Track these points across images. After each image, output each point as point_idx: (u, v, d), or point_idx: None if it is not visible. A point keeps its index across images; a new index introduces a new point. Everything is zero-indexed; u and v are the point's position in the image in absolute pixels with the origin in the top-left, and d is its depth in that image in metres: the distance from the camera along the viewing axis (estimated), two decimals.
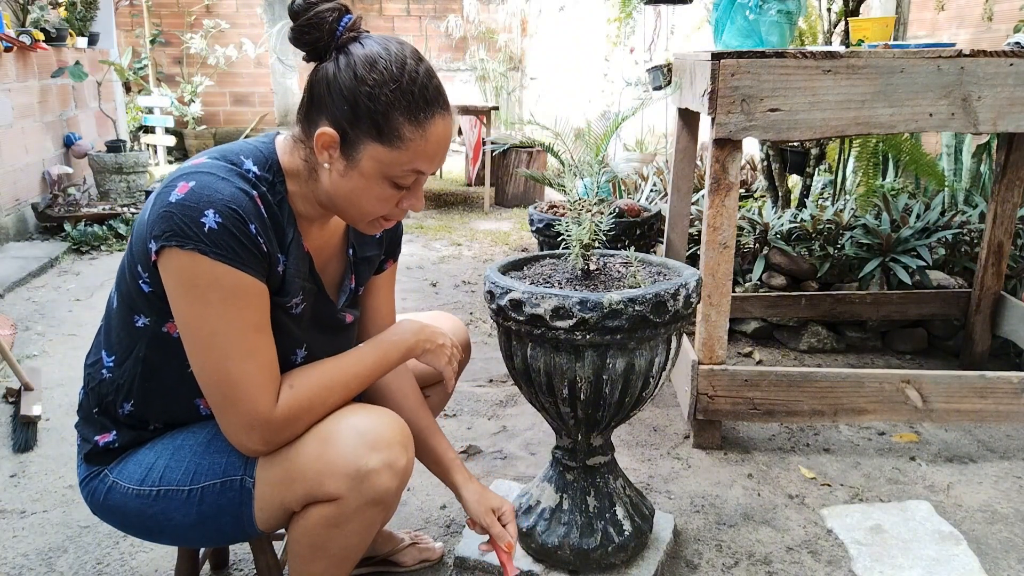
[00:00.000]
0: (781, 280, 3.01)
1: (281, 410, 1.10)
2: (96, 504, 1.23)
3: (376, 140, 1.07)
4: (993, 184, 2.54)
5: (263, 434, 1.10)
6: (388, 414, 1.17)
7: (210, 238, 1.02)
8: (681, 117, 2.67)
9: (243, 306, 1.06)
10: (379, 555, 1.65)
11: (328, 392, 1.15)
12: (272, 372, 1.10)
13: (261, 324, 1.09)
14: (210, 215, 1.02)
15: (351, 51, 1.07)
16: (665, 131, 5.89)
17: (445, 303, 3.51)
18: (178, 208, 1.03)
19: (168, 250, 1.03)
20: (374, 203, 1.13)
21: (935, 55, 1.92)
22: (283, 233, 1.13)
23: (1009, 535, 1.81)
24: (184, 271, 1.03)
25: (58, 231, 4.52)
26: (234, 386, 1.07)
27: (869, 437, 2.30)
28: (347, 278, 1.30)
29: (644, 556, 1.60)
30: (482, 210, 5.64)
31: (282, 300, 1.14)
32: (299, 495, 1.13)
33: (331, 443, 1.11)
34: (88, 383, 1.24)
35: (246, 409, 1.08)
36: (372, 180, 1.10)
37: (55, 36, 4.78)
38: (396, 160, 1.08)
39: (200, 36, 7.50)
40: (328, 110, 1.07)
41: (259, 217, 1.08)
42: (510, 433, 2.30)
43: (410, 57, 1.08)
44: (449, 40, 8.06)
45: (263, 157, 1.13)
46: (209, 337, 1.06)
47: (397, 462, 1.13)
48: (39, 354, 2.86)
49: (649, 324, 1.35)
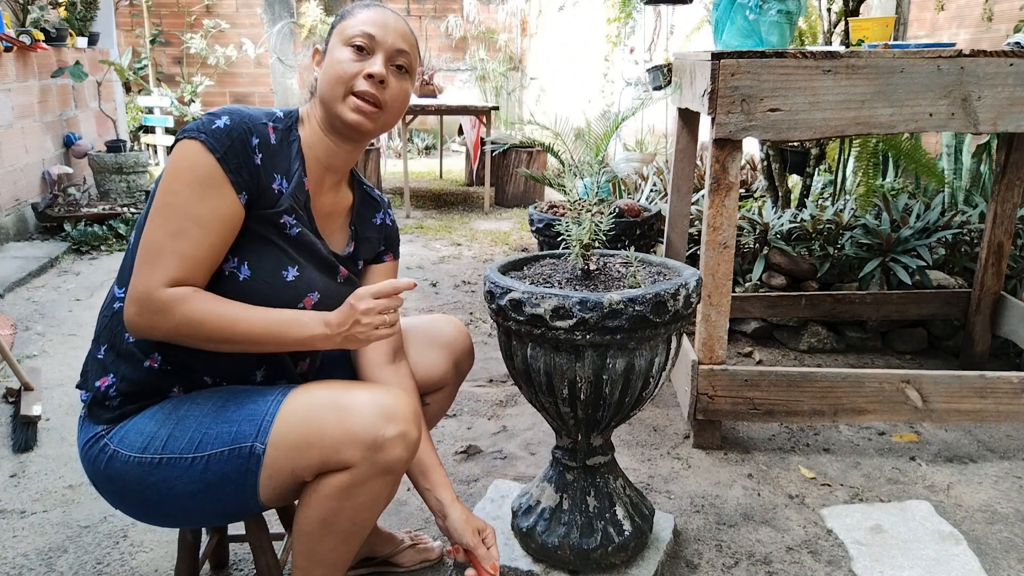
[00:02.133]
0: (781, 280, 3.01)
1: (164, 294, 1.14)
2: (96, 473, 1.24)
3: (339, 23, 1.30)
4: (993, 184, 2.54)
5: (139, 305, 1.16)
6: (402, 392, 1.24)
7: (213, 133, 1.17)
8: (681, 117, 2.67)
9: (200, 196, 1.16)
10: (379, 556, 1.65)
11: (212, 320, 1.16)
12: (184, 262, 1.16)
13: (205, 221, 1.16)
14: (224, 119, 1.20)
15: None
16: (665, 131, 5.89)
17: (445, 303, 3.51)
18: (207, 115, 1.21)
19: (181, 141, 1.18)
20: (340, 66, 1.26)
21: (935, 55, 1.92)
22: (288, 162, 1.27)
23: (1009, 535, 1.81)
24: (179, 153, 1.18)
25: (58, 231, 4.52)
26: (149, 252, 1.16)
27: (869, 437, 2.30)
28: (348, 244, 1.40)
29: (644, 556, 1.60)
30: (482, 210, 5.64)
31: (273, 213, 1.23)
32: (314, 461, 1.16)
33: (351, 413, 1.16)
34: (99, 326, 1.29)
35: (144, 273, 1.16)
36: (335, 49, 1.28)
37: (55, 36, 4.78)
38: (348, 25, 1.28)
39: (200, 36, 7.51)
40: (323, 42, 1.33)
41: (265, 137, 1.23)
42: (510, 433, 2.30)
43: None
44: (449, 40, 8.06)
45: (288, 111, 1.33)
46: (160, 206, 1.17)
47: (410, 434, 1.19)
48: (39, 354, 2.86)
49: (649, 324, 1.35)
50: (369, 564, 1.65)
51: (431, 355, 1.51)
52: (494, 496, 1.81)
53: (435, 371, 1.51)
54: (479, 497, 1.89)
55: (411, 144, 8.16)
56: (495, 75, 7.72)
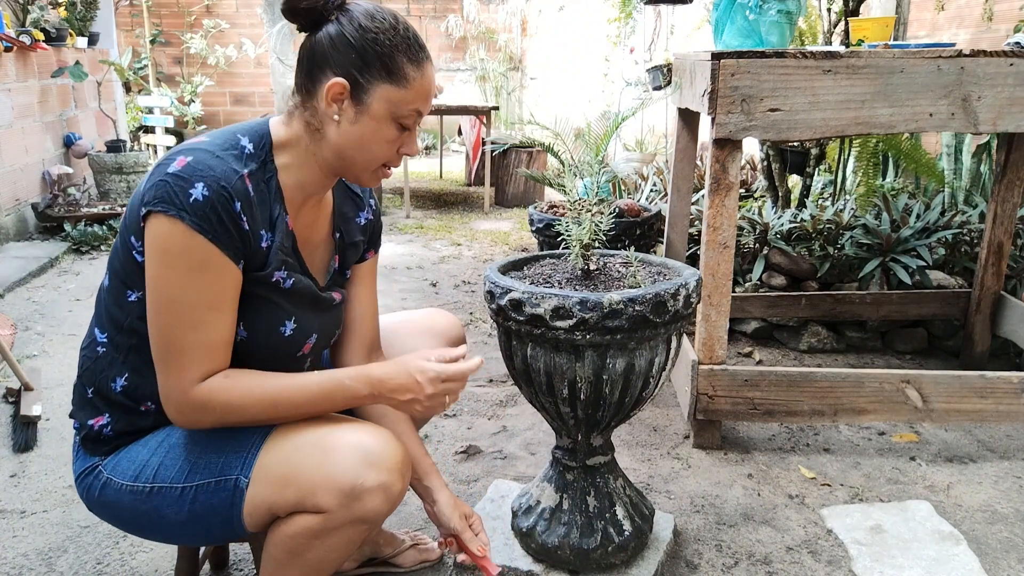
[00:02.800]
0: (781, 280, 3.01)
1: (200, 392, 1.12)
2: (91, 500, 1.24)
3: (386, 80, 1.15)
4: (993, 184, 2.54)
5: (177, 405, 1.14)
6: (391, 437, 1.18)
7: (193, 208, 1.07)
8: (681, 117, 2.67)
9: (205, 280, 1.10)
10: (380, 557, 1.65)
11: (254, 405, 1.15)
12: (210, 352, 1.12)
13: (217, 302, 1.12)
14: (199, 187, 1.08)
15: (349, 9, 1.16)
16: (665, 131, 5.89)
17: (445, 303, 3.51)
18: (172, 179, 1.08)
19: (154, 215, 1.09)
20: (382, 146, 1.18)
21: (935, 55, 1.92)
22: (270, 209, 1.18)
23: (1009, 535, 1.81)
24: (163, 235, 1.09)
25: (58, 231, 4.52)
26: (171, 352, 1.12)
27: (869, 437, 2.30)
28: (332, 259, 1.34)
29: (644, 556, 1.60)
30: (482, 210, 5.64)
31: (264, 274, 1.17)
32: (289, 501, 1.13)
33: (332, 456, 1.12)
34: (83, 365, 1.26)
35: (173, 376, 1.12)
36: (382, 121, 1.16)
37: (55, 36, 4.78)
38: (403, 99, 1.16)
39: (200, 36, 7.51)
40: (335, 63, 1.14)
41: (246, 196, 1.12)
42: (510, 433, 2.30)
43: (397, 14, 1.19)
44: (449, 40, 8.06)
45: (258, 135, 1.19)
46: (166, 302, 1.11)
47: (392, 487, 1.14)
48: (39, 354, 2.86)
49: (649, 324, 1.35)
50: (369, 565, 1.65)
51: (429, 343, 1.54)
52: (494, 496, 1.81)
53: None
54: (479, 497, 1.89)
55: None
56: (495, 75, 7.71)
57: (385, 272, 4.00)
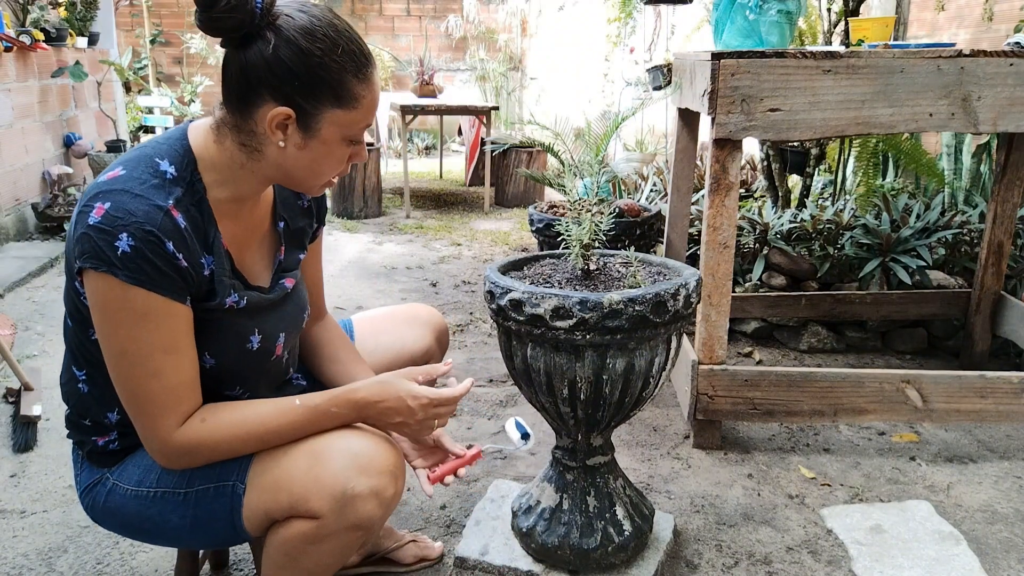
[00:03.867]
0: (781, 280, 3.01)
1: (181, 438, 1.10)
2: (96, 509, 1.23)
3: (335, 106, 1.07)
4: (993, 184, 2.54)
5: (160, 454, 1.12)
6: (384, 440, 1.16)
7: (123, 261, 1.01)
8: (681, 117, 2.67)
9: (152, 328, 1.05)
10: (379, 551, 1.65)
11: (239, 441, 1.13)
12: (177, 395, 1.09)
13: (170, 345, 1.07)
14: (124, 239, 1.01)
15: (281, 26, 1.04)
16: (665, 131, 5.89)
17: (445, 303, 3.51)
18: (94, 231, 1.02)
19: (86, 272, 1.04)
20: (334, 165, 1.13)
21: (935, 55, 1.92)
22: (204, 235, 1.11)
23: (1009, 535, 1.81)
24: (98, 292, 1.04)
25: (58, 231, 4.51)
26: (138, 403, 1.09)
27: (869, 437, 2.30)
28: (277, 251, 1.28)
29: (644, 556, 1.60)
30: (482, 210, 5.64)
31: (214, 303, 1.13)
32: (283, 506, 1.13)
33: (322, 460, 1.11)
34: (69, 399, 1.23)
35: (148, 426, 1.10)
36: (333, 144, 1.10)
37: (55, 36, 4.78)
38: (354, 120, 1.10)
39: (200, 36, 7.50)
40: (273, 89, 1.05)
41: (177, 232, 1.05)
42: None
43: (334, 18, 1.08)
44: (449, 40, 8.06)
45: (179, 154, 1.11)
46: (119, 355, 1.07)
47: (385, 491, 1.12)
48: (39, 354, 2.86)
49: (649, 324, 1.35)
50: (369, 561, 1.65)
51: (415, 332, 1.57)
52: (494, 496, 1.81)
53: (421, 344, 1.56)
54: (479, 497, 1.89)
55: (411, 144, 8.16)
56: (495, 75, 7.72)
57: (385, 272, 4.00)
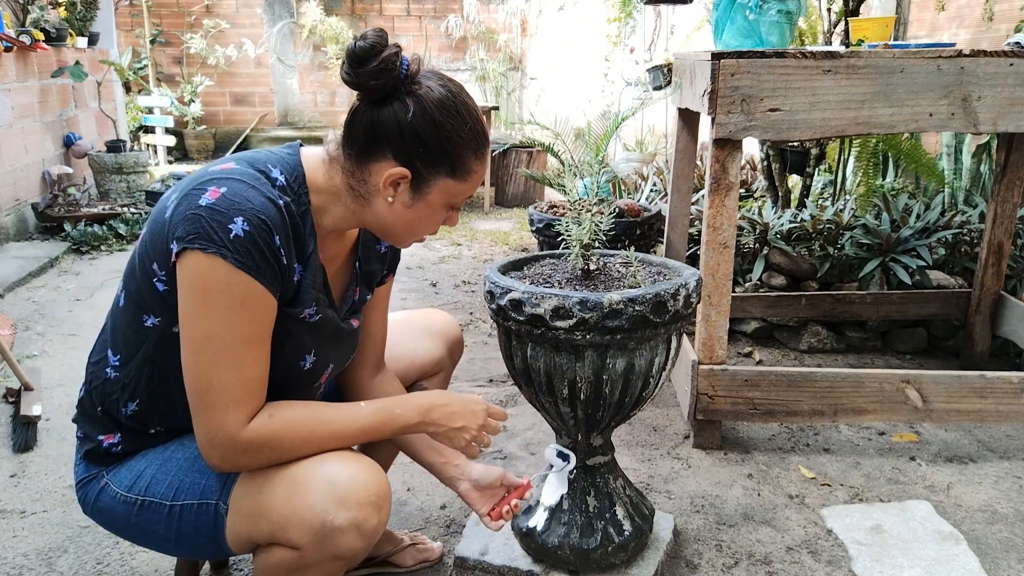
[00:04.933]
0: (781, 280, 3.01)
1: (248, 434, 1.08)
2: (87, 505, 1.24)
3: (449, 176, 1.14)
4: (993, 184, 2.54)
5: (223, 450, 1.09)
6: (368, 467, 1.12)
7: (235, 245, 1.03)
8: (681, 117, 2.67)
9: (247, 317, 1.06)
10: (379, 556, 1.65)
11: (302, 440, 1.12)
12: (252, 390, 1.09)
13: (257, 338, 1.08)
14: (239, 222, 1.03)
15: (420, 95, 1.10)
16: (665, 131, 5.89)
17: (445, 303, 3.51)
18: (208, 212, 1.03)
19: (190, 252, 1.03)
20: (430, 227, 1.20)
21: (935, 55, 1.92)
22: (304, 244, 1.14)
23: (1009, 535, 1.81)
24: (201, 273, 1.04)
25: (58, 231, 4.52)
26: (211, 393, 1.07)
27: (869, 437, 2.30)
28: (351, 289, 1.31)
29: (644, 556, 1.60)
30: (482, 210, 5.64)
31: (295, 311, 1.14)
32: (264, 533, 1.12)
33: (300, 490, 1.09)
34: (91, 381, 1.23)
35: (215, 419, 1.07)
36: (436, 208, 1.17)
37: (55, 36, 4.78)
38: (461, 190, 1.16)
39: (200, 36, 7.51)
40: (397, 148, 1.10)
41: (284, 228, 1.08)
42: (510, 433, 2.30)
43: (467, 96, 1.15)
44: (449, 40, 8.05)
45: (290, 168, 1.15)
46: (204, 340, 1.06)
47: (366, 523, 1.09)
48: (39, 354, 2.86)
49: (649, 324, 1.35)
50: (369, 564, 1.64)
51: (428, 343, 1.58)
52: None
53: (432, 357, 1.57)
54: None
55: None
56: (495, 75, 7.71)
57: None
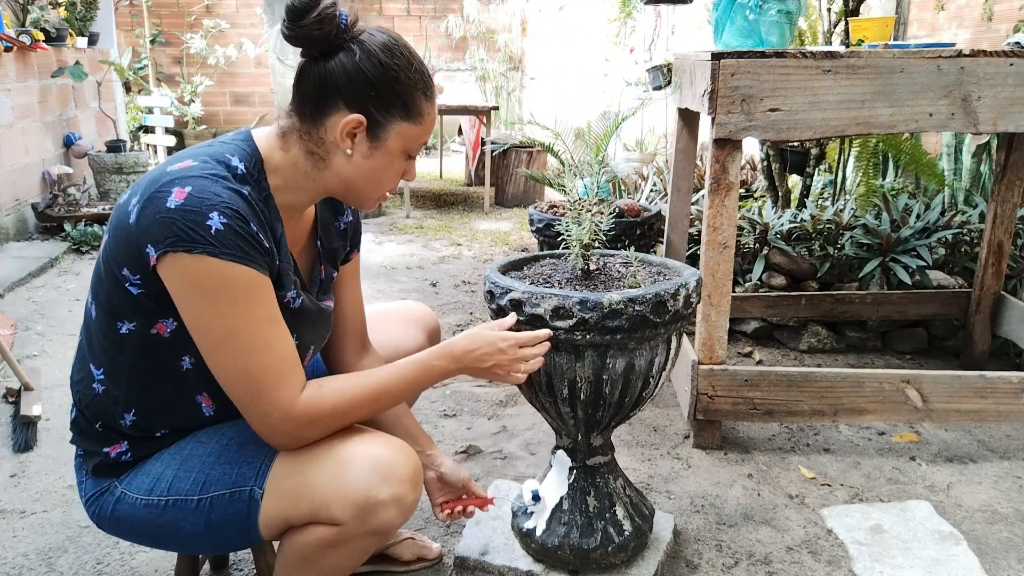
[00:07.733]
0: (781, 280, 3.01)
1: (303, 406, 1.12)
2: (103, 518, 1.23)
3: (404, 119, 1.15)
4: (993, 184, 2.54)
5: (286, 427, 1.12)
6: (404, 448, 1.19)
7: (218, 239, 1.03)
8: (681, 117, 2.67)
9: (256, 301, 1.08)
10: (378, 548, 1.64)
11: (357, 403, 1.17)
12: (290, 363, 1.11)
13: (274, 317, 1.11)
14: (215, 217, 1.03)
15: (363, 40, 1.12)
16: (665, 131, 5.89)
17: (445, 303, 3.51)
18: (179, 214, 1.03)
19: (173, 255, 1.03)
20: (391, 178, 1.20)
21: (935, 55, 1.92)
22: (273, 229, 1.15)
23: (1009, 535, 1.81)
24: (194, 275, 1.04)
25: (58, 231, 4.52)
26: (255, 381, 1.09)
27: (869, 437, 2.30)
28: (316, 268, 1.33)
29: (644, 556, 1.60)
30: (482, 210, 5.64)
31: (279, 294, 1.16)
32: (304, 512, 1.14)
33: (345, 467, 1.13)
34: (80, 400, 1.23)
35: (269, 402, 1.10)
36: (395, 156, 1.18)
37: (55, 36, 4.78)
38: (416, 134, 1.17)
39: (200, 36, 7.51)
40: (349, 97, 1.11)
41: (256, 215, 1.10)
42: (510, 433, 2.30)
43: (407, 42, 1.18)
44: (449, 40, 8.05)
45: (247, 154, 1.15)
46: (225, 337, 1.07)
47: (405, 498, 1.15)
48: (39, 354, 2.86)
49: (649, 324, 1.35)
50: (370, 562, 1.64)
51: (410, 332, 1.61)
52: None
53: (414, 344, 1.59)
54: None
55: None
56: (495, 75, 7.71)
57: (385, 272, 4.00)
